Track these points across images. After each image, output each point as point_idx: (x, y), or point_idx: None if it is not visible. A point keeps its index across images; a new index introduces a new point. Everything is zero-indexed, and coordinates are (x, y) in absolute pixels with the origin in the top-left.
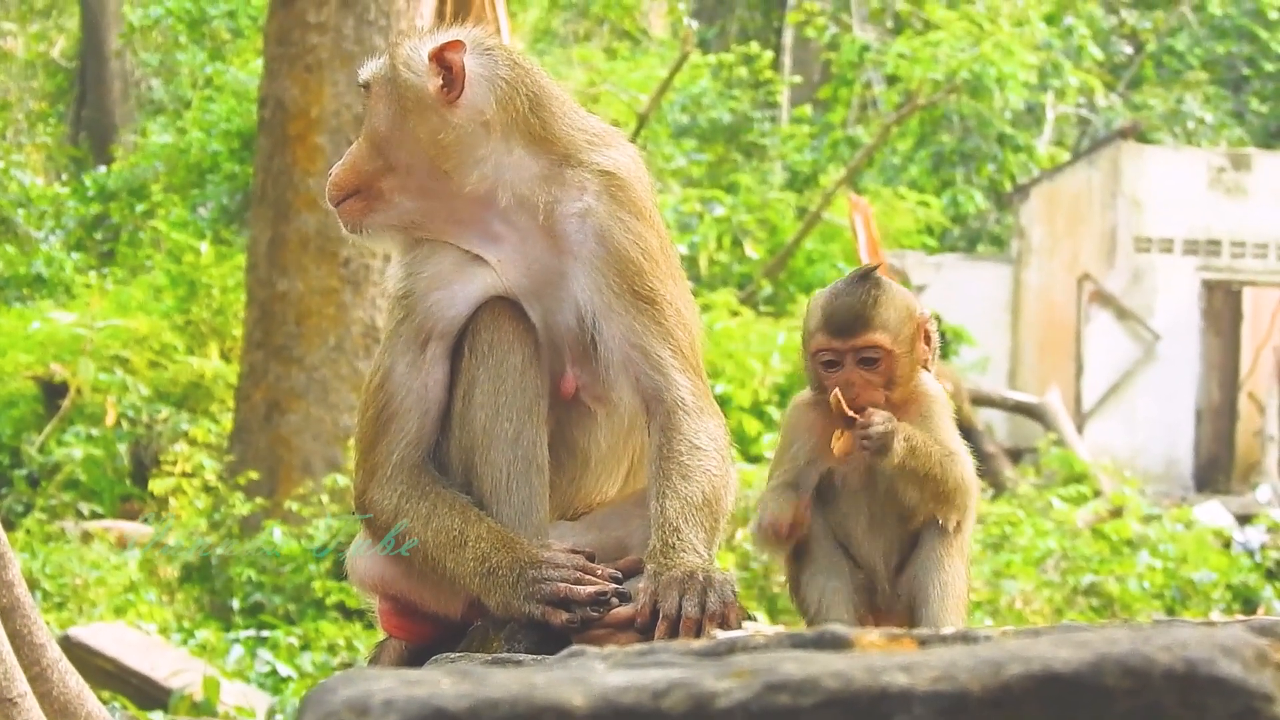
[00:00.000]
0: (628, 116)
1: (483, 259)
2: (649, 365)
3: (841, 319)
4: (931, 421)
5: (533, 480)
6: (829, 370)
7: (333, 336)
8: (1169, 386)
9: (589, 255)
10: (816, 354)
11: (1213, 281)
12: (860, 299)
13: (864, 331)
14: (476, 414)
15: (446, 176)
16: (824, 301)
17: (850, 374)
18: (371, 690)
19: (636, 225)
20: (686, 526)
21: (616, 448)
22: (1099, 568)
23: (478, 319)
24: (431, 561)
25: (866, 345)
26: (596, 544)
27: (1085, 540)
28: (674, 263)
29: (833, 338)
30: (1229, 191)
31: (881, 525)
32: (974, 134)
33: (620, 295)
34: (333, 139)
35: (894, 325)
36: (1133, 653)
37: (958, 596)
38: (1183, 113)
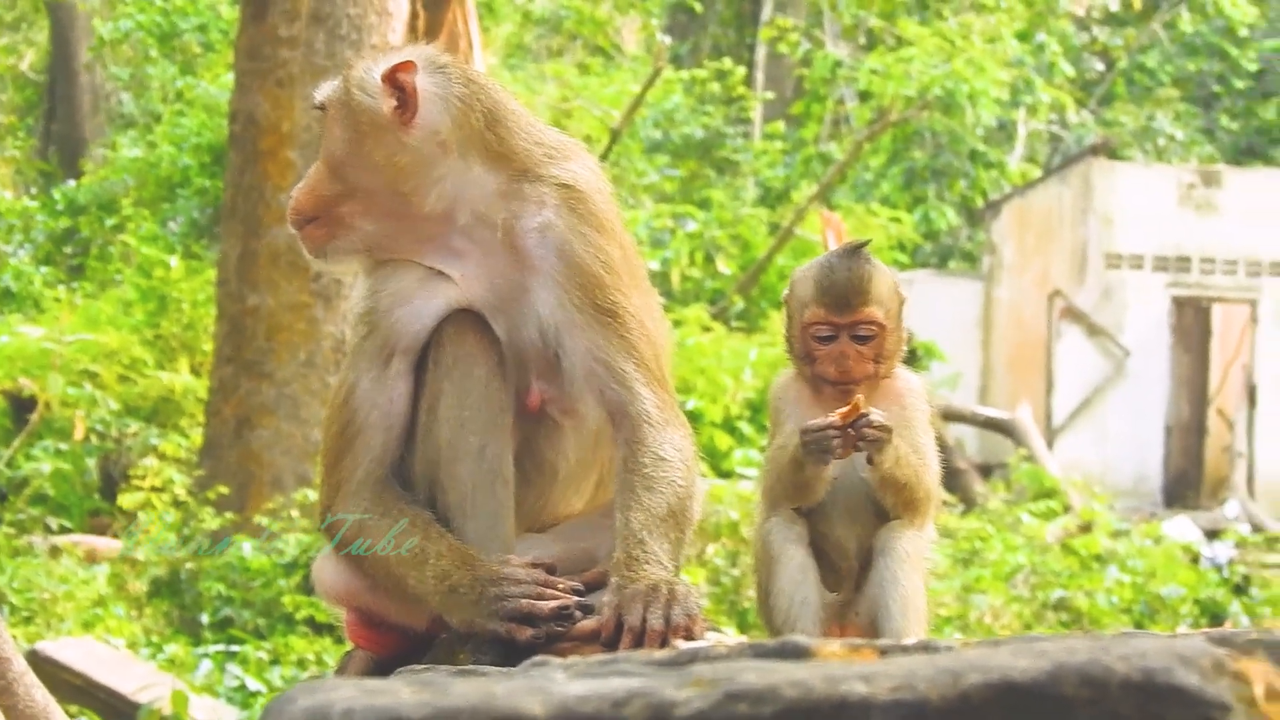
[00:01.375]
0: (600, 132)
1: (446, 274)
2: (612, 379)
3: (840, 292)
4: (908, 415)
5: (498, 494)
6: (822, 344)
7: (303, 351)
8: (1139, 403)
9: (550, 269)
10: (811, 327)
11: (1182, 298)
12: (857, 273)
13: (862, 305)
14: (441, 428)
15: (405, 198)
16: (818, 274)
17: (845, 347)
18: (332, 700)
19: (597, 238)
20: (651, 538)
21: (584, 460)
22: (1068, 583)
23: (441, 333)
24: (395, 578)
25: (865, 319)
26: (564, 556)
27: (1055, 555)
28: (638, 274)
29: (830, 311)
30: (1199, 208)
31: (858, 510)
32: (946, 150)
33: (582, 309)
34: (304, 154)
35: (887, 300)
36: (1091, 662)
37: (919, 609)
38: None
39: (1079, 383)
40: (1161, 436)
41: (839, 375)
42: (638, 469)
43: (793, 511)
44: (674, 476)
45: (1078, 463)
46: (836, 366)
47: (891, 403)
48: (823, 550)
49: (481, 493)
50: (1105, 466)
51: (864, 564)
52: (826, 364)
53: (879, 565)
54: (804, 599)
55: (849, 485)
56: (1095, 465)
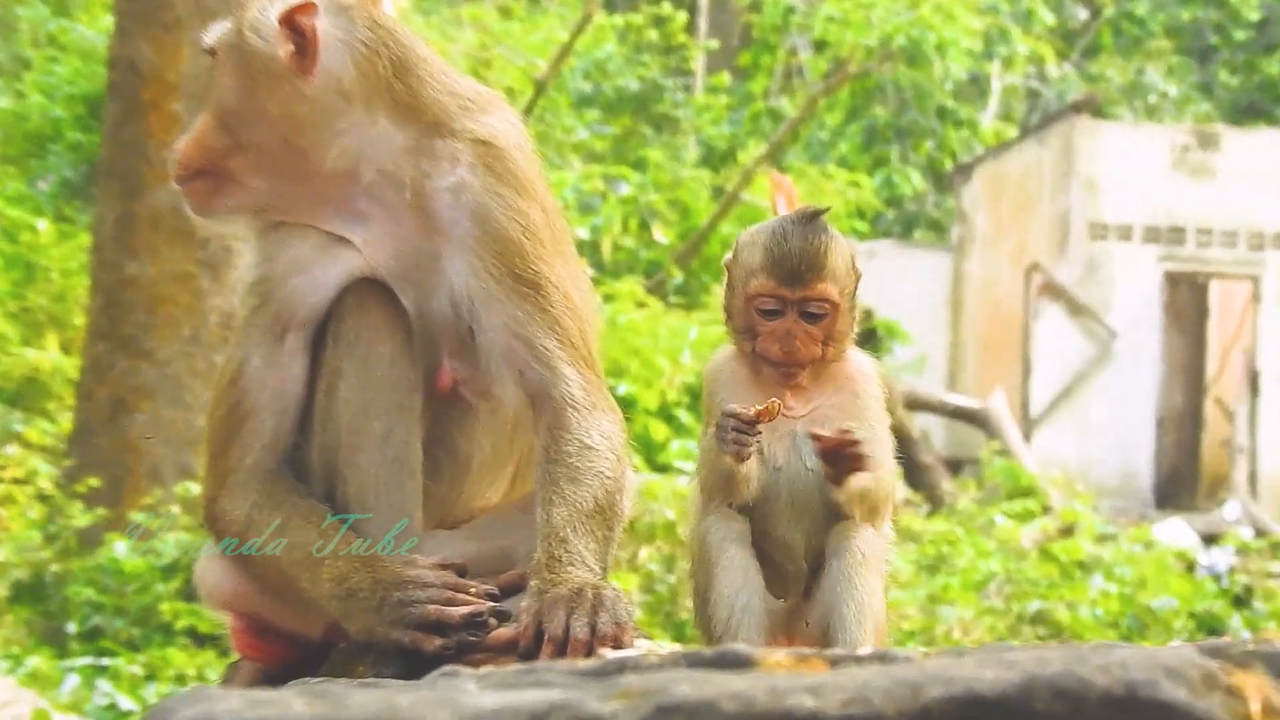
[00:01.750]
0: (524, 84)
1: (347, 240)
2: (533, 357)
3: (792, 263)
4: (860, 402)
5: (404, 485)
6: (767, 319)
7: (187, 327)
8: (1127, 390)
9: (464, 235)
10: (756, 299)
11: (1176, 273)
12: (813, 243)
13: (815, 280)
14: (341, 411)
15: (303, 154)
16: (769, 241)
17: (792, 325)
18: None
19: (517, 200)
20: (575, 537)
21: (501, 448)
22: (1047, 593)
23: (342, 305)
24: (286, 580)
25: (817, 296)
26: (477, 556)
27: (1032, 562)
28: (563, 242)
29: (781, 284)
30: (1195, 173)
31: (806, 505)
32: (911, 107)
33: (500, 279)
34: (191, 106)
35: (842, 276)
36: (1066, 674)
37: (876, 617)
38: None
39: (1060, 368)
40: (1152, 429)
41: (783, 356)
42: (561, 458)
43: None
44: (601, 467)
45: (1058, 458)
46: (781, 346)
47: (840, 387)
48: (767, 551)
49: (385, 484)
50: (1089, 462)
51: (814, 566)
52: (770, 342)
53: (831, 568)
54: (746, 605)
55: (795, 477)
56: (1078, 460)
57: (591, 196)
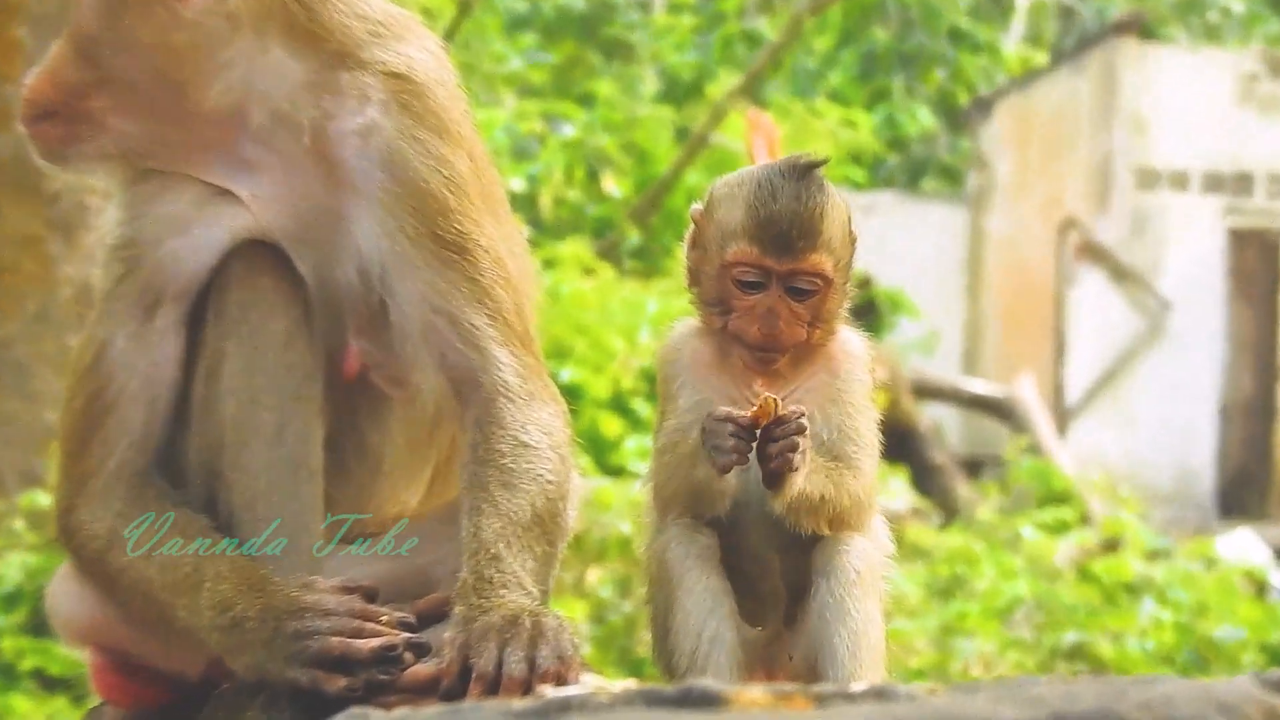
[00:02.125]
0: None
1: (232, 194)
2: (458, 337)
3: (781, 229)
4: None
5: (301, 490)
6: (747, 292)
7: (34, 302)
8: (1183, 373)
9: (374, 188)
10: (734, 268)
11: (1243, 230)
12: (807, 206)
13: (808, 251)
14: (225, 401)
15: (180, 90)
16: (753, 197)
17: (776, 301)
18: None
19: (439, 146)
20: (509, 553)
21: (418, 445)
22: (1086, 622)
23: (226, 273)
24: (158, 606)
25: (809, 270)
26: (390, 576)
27: (1068, 584)
28: (494, 196)
29: (766, 253)
30: (1264, 107)
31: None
32: (917, 29)
33: (418, 242)
34: (37, 32)
35: (838, 246)
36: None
37: (874, 649)
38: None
39: (1101, 346)
40: (1214, 420)
41: (761, 339)
42: (492, 459)
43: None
44: (541, 469)
45: (1099, 456)
46: (761, 327)
47: (819, 369)
48: (740, 569)
49: (279, 490)
50: (1137, 461)
51: (797, 588)
52: (747, 321)
53: (819, 589)
54: (715, 635)
55: None
56: (1123, 460)
57: (528, 139)
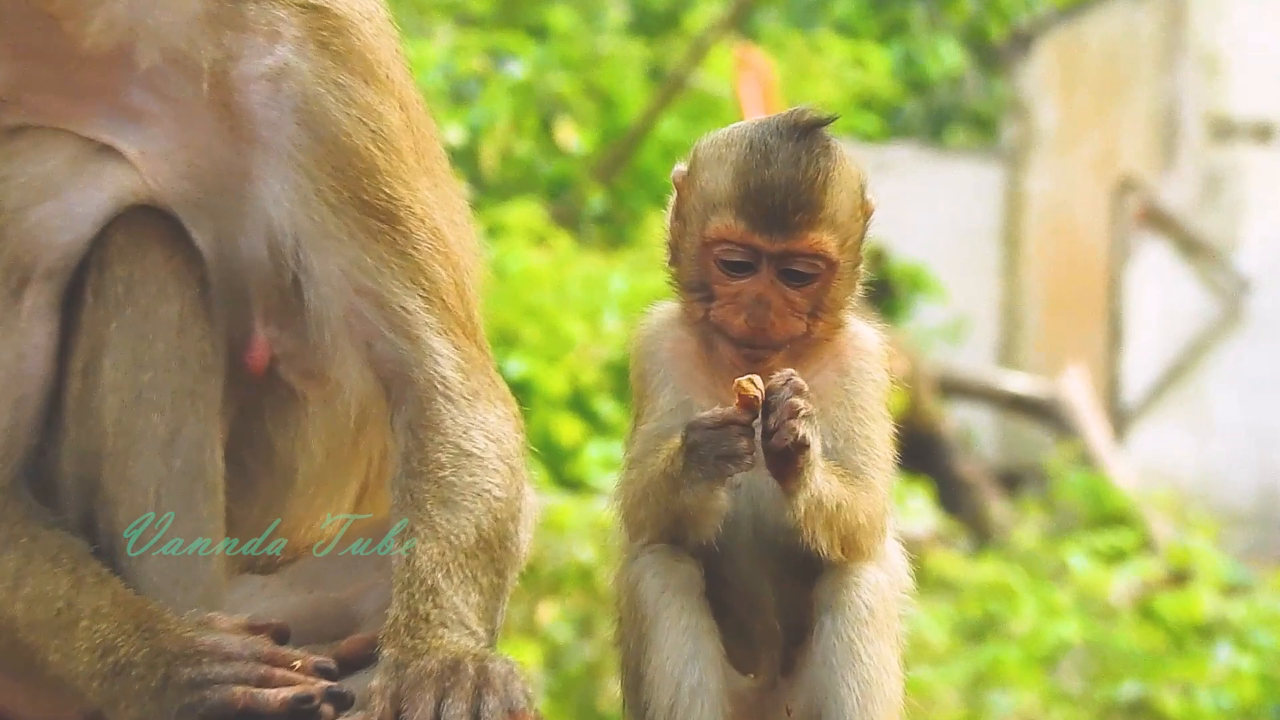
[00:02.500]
0: None
1: (116, 151)
2: (387, 323)
3: (775, 200)
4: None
5: (198, 508)
6: (733, 275)
7: None
8: (1266, 366)
9: (287, 144)
10: (718, 246)
11: None
12: (807, 173)
13: (806, 229)
14: (106, 400)
15: (52, 25)
16: (743, 160)
17: (767, 288)
18: None
19: (365, 93)
20: (449, 584)
21: (340, 455)
22: (1149, 671)
23: (107, 246)
24: (25, 650)
25: (807, 250)
26: (305, 612)
27: (1126, 625)
28: (431, 153)
29: (755, 230)
30: None
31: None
32: None
33: (339, 210)
34: None
35: (844, 221)
36: None
37: (887, 701)
38: None
39: (1166, 334)
40: None
41: (749, 331)
42: (428, 471)
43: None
44: (487, 483)
45: (1164, 467)
46: (749, 317)
47: (824, 366)
48: (728, 605)
49: (171, 507)
50: (1210, 475)
51: (796, 628)
52: (732, 311)
53: (823, 629)
54: (697, 686)
55: (762, 499)
56: (1194, 472)
57: (467, 82)
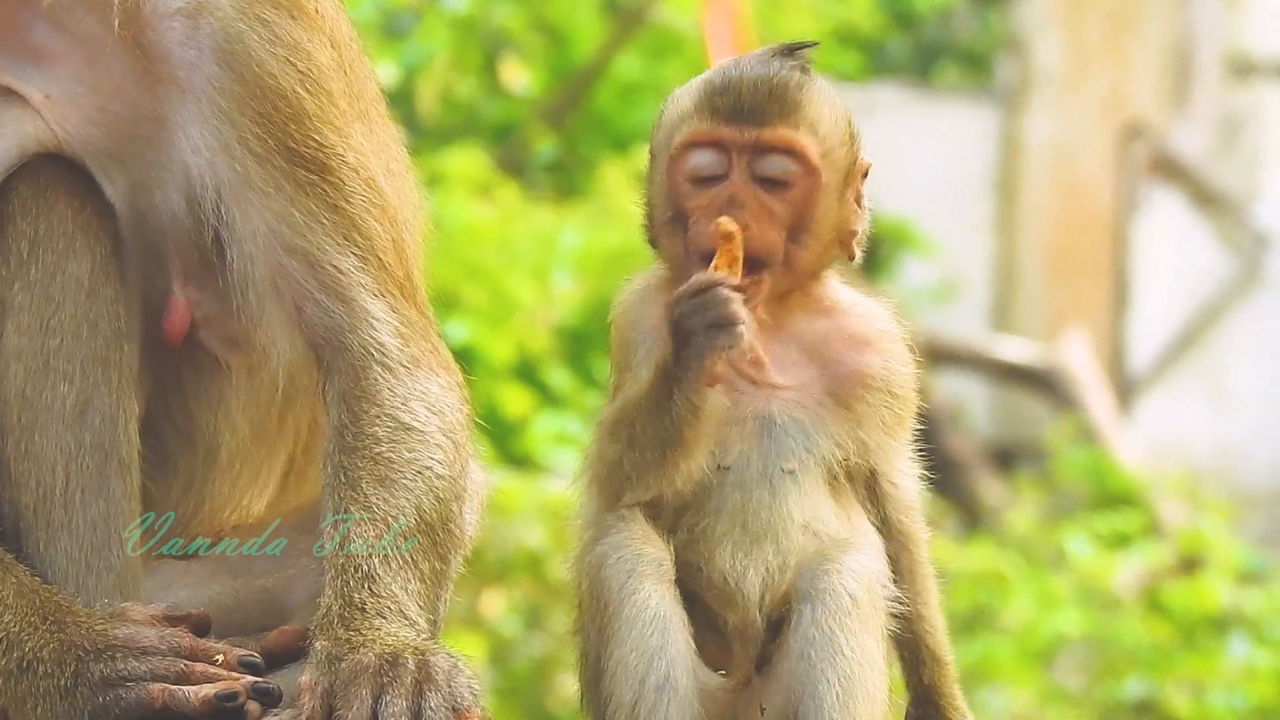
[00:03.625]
0: None
1: (17, 94)
2: (318, 284)
3: (744, 94)
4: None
5: (111, 487)
6: (704, 187)
7: None
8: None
9: (207, 86)
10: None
11: None
12: (780, 73)
13: (779, 120)
14: (8, 368)
15: None
16: (707, 78)
17: (742, 189)
18: None
19: (292, 29)
20: (387, 571)
21: (266, 428)
22: (1156, 667)
23: (10, 199)
24: None
25: (779, 144)
26: (228, 600)
27: (1131, 616)
28: (365, 96)
29: (723, 121)
30: None
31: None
32: None
33: (265, 159)
34: None
35: (825, 129)
36: None
37: (870, 698)
38: None
39: (1178, 296)
40: None
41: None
42: (364, 446)
43: (645, 523)
44: (428, 459)
45: (1175, 445)
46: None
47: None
48: (701, 595)
49: (82, 485)
50: (1226, 452)
51: (774, 621)
52: (706, 220)
53: (802, 620)
54: (665, 680)
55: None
56: (1207, 449)
57: (401, 16)
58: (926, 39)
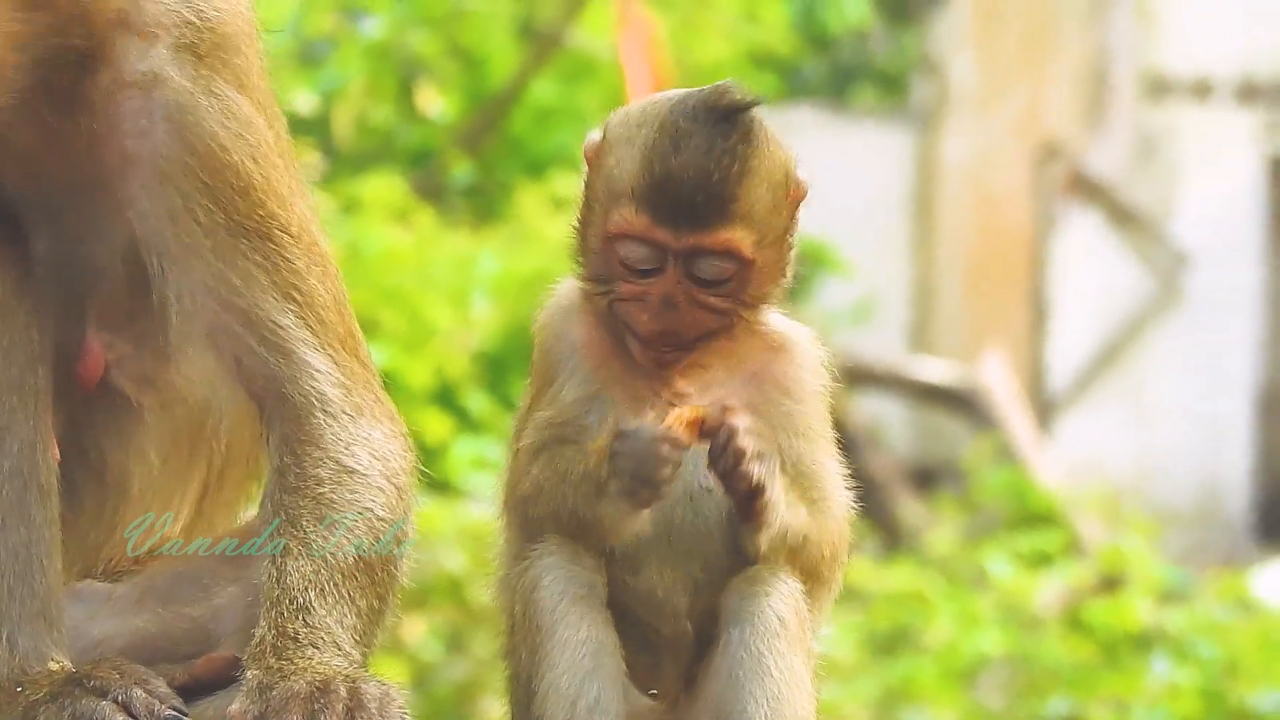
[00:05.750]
0: None
1: None
2: (258, 339)
3: (682, 196)
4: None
5: (32, 513)
6: (637, 275)
7: None
8: (1207, 351)
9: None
10: (621, 241)
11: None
12: (720, 162)
13: (717, 225)
14: None
15: None
16: (650, 146)
17: (674, 288)
18: None
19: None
20: (323, 604)
21: (177, 460)
22: (1078, 685)
23: None
24: None
25: (717, 248)
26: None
27: (1052, 635)
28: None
29: (660, 224)
30: None
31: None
32: None
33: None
34: None
35: (763, 215)
36: None
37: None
38: None
39: (1097, 315)
40: (1249, 413)
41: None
42: (305, 486)
43: (576, 545)
44: (369, 501)
45: (1095, 462)
46: (655, 318)
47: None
48: (631, 611)
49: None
50: (1146, 469)
51: (704, 640)
52: (638, 308)
53: (730, 641)
54: (596, 702)
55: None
56: (1127, 467)
57: (316, 43)
58: (841, 61)
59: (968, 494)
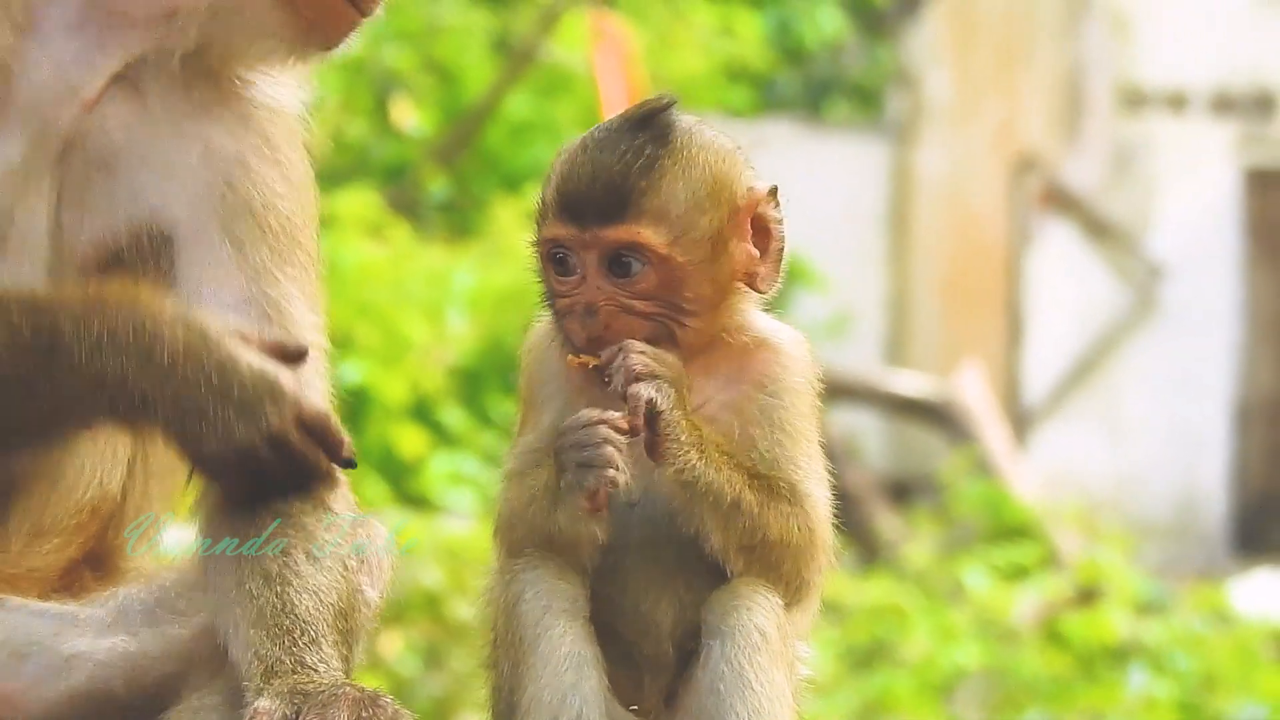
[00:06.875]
0: None
1: None
2: None
3: (583, 189)
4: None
5: None
6: (565, 284)
7: None
8: (1183, 363)
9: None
10: (543, 247)
11: (1263, 170)
12: (624, 158)
13: (619, 217)
14: None
15: None
16: (570, 153)
17: (594, 292)
18: None
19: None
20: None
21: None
22: (1055, 698)
23: None
24: None
25: (622, 241)
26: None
27: (1030, 648)
28: None
29: (568, 220)
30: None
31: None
32: None
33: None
34: None
35: (681, 209)
36: None
37: None
38: None
39: (1073, 327)
40: (1226, 425)
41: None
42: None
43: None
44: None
45: (1072, 475)
46: (582, 326)
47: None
48: (614, 627)
49: None
50: (1123, 482)
51: (685, 654)
52: (570, 322)
53: (711, 655)
54: (578, 717)
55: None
56: (1104, 479)
57: None
58: (817, 74)
59: (944, 507)
